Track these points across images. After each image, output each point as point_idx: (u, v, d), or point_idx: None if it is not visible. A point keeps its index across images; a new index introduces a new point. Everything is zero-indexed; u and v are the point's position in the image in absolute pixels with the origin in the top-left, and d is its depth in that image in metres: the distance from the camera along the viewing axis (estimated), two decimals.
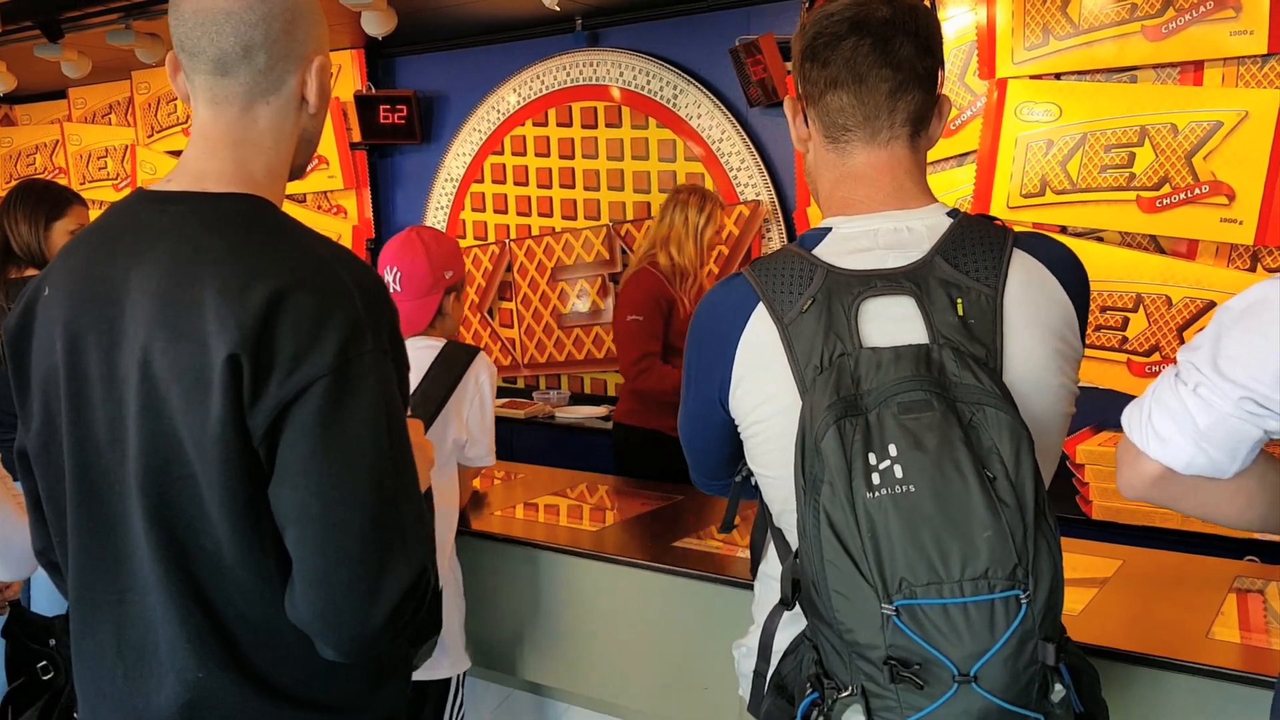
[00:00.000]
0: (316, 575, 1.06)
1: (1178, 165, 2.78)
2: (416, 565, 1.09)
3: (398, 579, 1.07)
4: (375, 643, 1.09)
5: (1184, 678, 1.59)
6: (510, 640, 2.26)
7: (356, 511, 1.06)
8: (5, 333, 1.22)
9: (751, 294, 1.20)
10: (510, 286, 4.55)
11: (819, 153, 1.27)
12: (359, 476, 1.06)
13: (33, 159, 5.83)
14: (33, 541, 1.31)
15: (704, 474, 1.40)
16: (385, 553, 1.07)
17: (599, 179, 4.27)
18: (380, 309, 1.13)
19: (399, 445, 1.11)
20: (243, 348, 1.04)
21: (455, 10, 4.07)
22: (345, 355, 1.06)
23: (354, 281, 1.11)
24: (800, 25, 1.27)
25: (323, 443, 1.05)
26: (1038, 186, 2.98)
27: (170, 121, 5.22)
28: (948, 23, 3.12)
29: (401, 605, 1.08)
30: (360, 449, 1.07)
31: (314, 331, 1.06)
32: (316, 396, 1.05)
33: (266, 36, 1.15)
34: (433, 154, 4.73)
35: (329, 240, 1.17)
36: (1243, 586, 1.89)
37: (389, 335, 1.13)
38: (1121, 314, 2.86)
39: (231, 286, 1.06)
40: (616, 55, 4.11)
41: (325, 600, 1.06)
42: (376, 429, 1.08)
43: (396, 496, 1.09)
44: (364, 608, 1.06)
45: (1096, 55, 2.89)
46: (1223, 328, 0.96)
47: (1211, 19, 2.72)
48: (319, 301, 1.07)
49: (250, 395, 1.05)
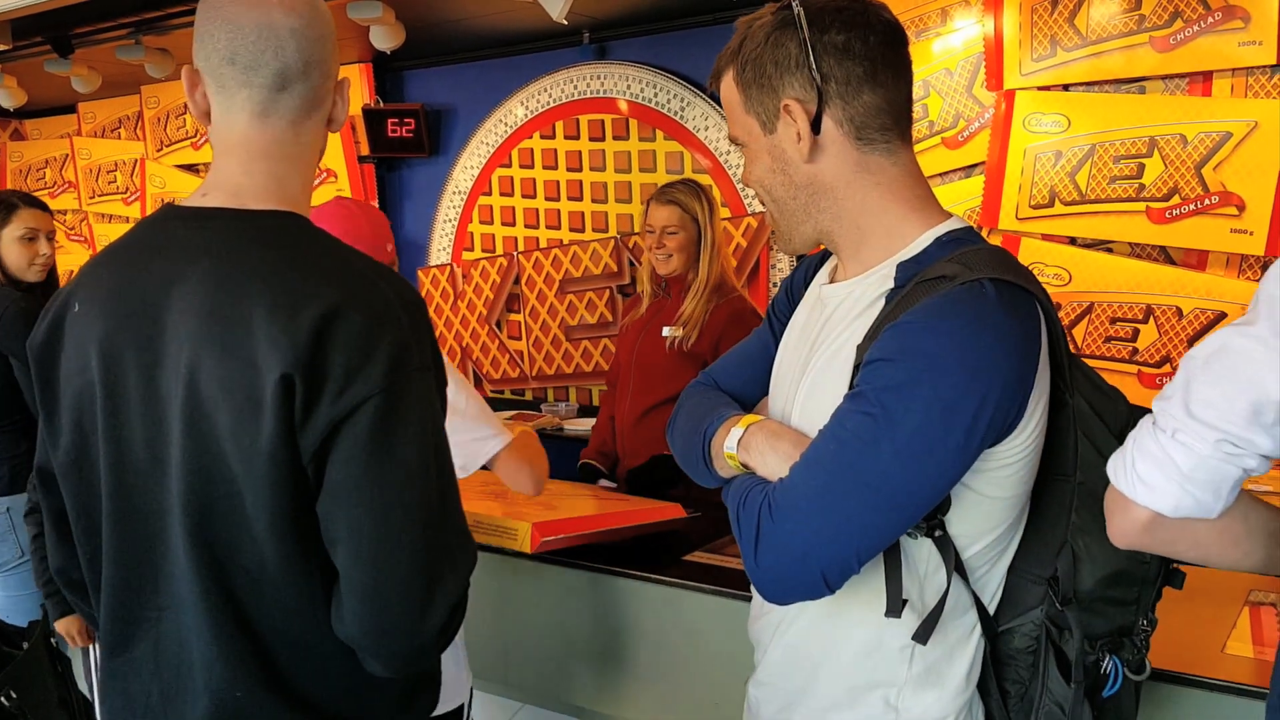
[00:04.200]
0: (368, 591, 1.08)
1: (1187, 176, 2.77)
2: (463, 578, 1.13)
3: (447, 593, 1.10)
4: (424, 657, 1.12)
5: (1199, 693, 1.57)
6: (520, 657, 2.25)
7: (408, 528, 1.07)
8: (32, 350, 1.21)
9: (1034, 304, 1.12)
10: (518, 299, 4.55)
11: (844, 158, 1.19)
12: (410, 493, 1.08)
13: (43, 173, 5.86)
14: (50, 560, 1.31)
15: (896, 529, 1.11)
16: (435, 567, 1.09)
17: (606, 191, 4.27)
18: (422, 325, 1.15)
19: (444, 460, 1.13)
20: (295, 367, 1.05)
21: (463, 24, 4.08)
22: (395, 374, 1.08)
23: (399, 298, 1.12)
24: (793, 18, 1.18)
25: (375, 459, 1.07)
26: (1046, 198, 2.97)
27: (179, 136, 5.24)
28: (955, 34, 3.12)
29: (451, 619, 1.11)
30: (410, 466, 1.08)
31: (365, 350, 1.07)
32: (368, 414, 1.06)
33: (322, 54, 1.19)
34: (441, 167, 4.74)
35: (366, 256, 1.18)
36: (1256, 600, 1.88)
37: (431, 351, 1.15)
38: (1132, 325, 2.85)
39: (281, 305, 1.07)
40: (624, 68, 4.12)
41: (377, 615, 1.08)
42: (424, 445, 1.09)
43: (444, 511, 1.11)
44: (416, 622, 1.08)
45: (1105, 66, 2.89)
46: (1191, 375, 0.98)
47: (1220, 30, 2.72)
48: (369, 320, 1.08)
49: (302, 414, 1.06)
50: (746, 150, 1.26)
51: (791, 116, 1.18)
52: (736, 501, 1.17)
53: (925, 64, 3.16)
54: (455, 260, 4.73)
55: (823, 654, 1.24)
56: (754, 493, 1.15)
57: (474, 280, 4.63)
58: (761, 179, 1.25)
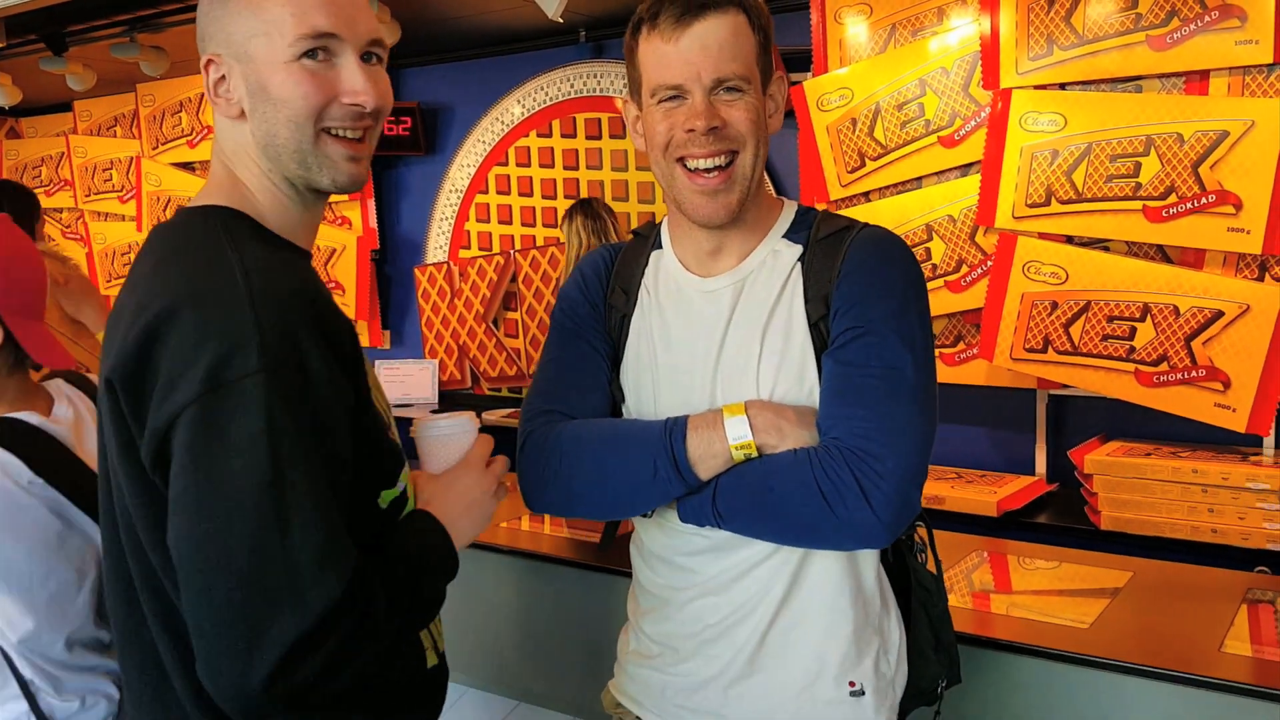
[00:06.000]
0: (194, 629, 0.94)
1: (1184, 175, 2.77)
2: (306, 622, 0.92)
3: (276, 640, 0.91)
4: (262, 706, 0.93)
5: (1197, 692, 1.57)
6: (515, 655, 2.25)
7: (225, 559, 0.92)
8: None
9: None
10: (515, 297, 4.55)
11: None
12: (227, 521, 0.92)
13: (38, 171, 5.84)
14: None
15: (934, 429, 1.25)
16: (261, 608, 0.91)
17: (603, 190, 4.27)
18: (296, 323, 0.98)
19: (293, 476, 0.94)
20: (115, 372, 0.98)
21: (459, 22, 4.07)
22: (219, 379, 0.93)
23: (262, 291, 0.97)
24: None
25: (193, 480, 0.93)
26: (1043, 197, 2.97)
27: (175, 134, 5.23)
28: (951, 33, 3.12)
29: (288, 663, 0.92)
30: (233, 486, 0.92)
31: (192, 352, 0.94)
32: (185, 427, 0.93)
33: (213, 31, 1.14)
34: (437, 165, 4.74)
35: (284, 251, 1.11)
36: (1254, 598, 1.88)
37: (317, 354, 0.99)
38: (1129, 324, 2.84)
39: (135, 307, 1.00)
40: (621, 66, 4.11)
41: (205, 658, 0.94)
42: (256, 461, 0.92)
43: (283, 540, 0.92)
44: (240, 672, 0.91)
45: (1101, 65, 2.88)
46: None
47: (1216, 28, 2.71)
48: (203, 317, 0.95)
49: (134, 424, 0.98)
50: (738, 97, 1.27)
51: (782, 86, 1.35)
52: (800, 477, 1.19)
53: (921, 62, 3.16)
54: (452, 258, 4.73)
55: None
56: (820, 458, 1.19)
57: (471, 278, 4.63)
58: (754, 131, 1.28)
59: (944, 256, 3.15)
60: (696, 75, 1.24)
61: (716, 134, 1.24)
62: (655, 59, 1.26)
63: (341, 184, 1.14)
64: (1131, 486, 2.75)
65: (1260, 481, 2.59)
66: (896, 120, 3.20)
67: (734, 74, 1.25)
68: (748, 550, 1.29)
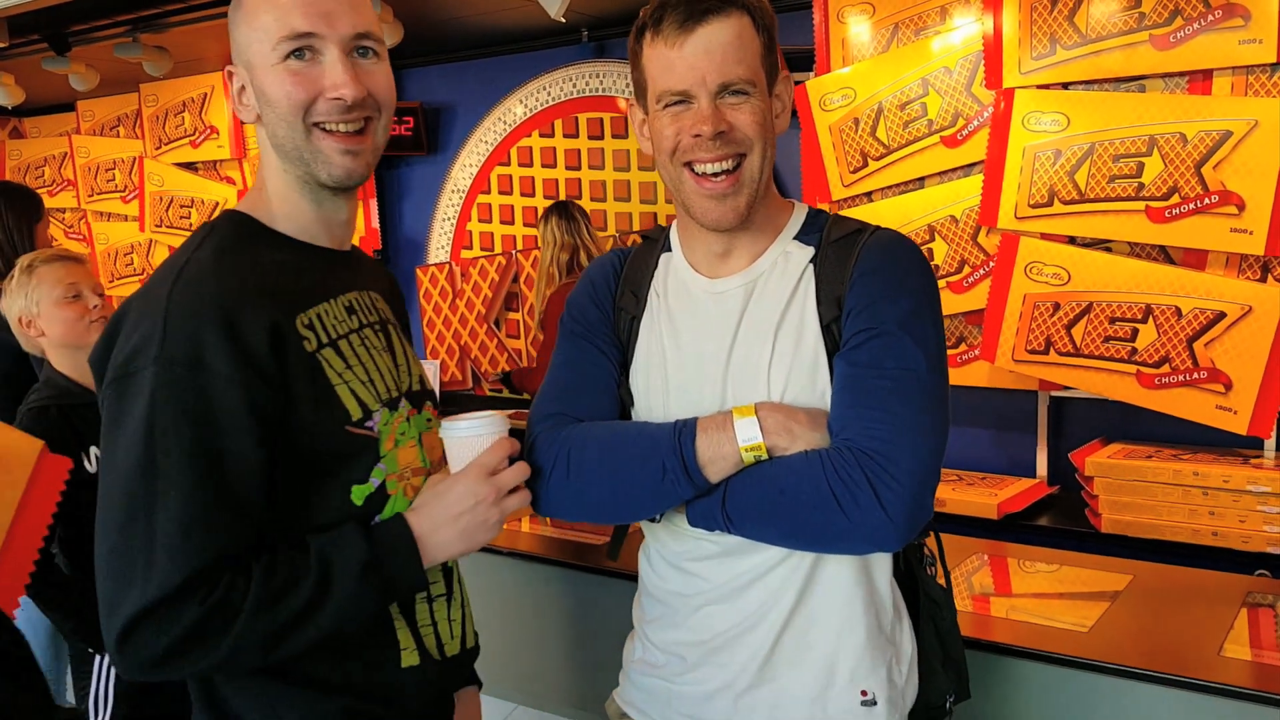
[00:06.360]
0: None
1: (1187, 175, 2.76)
2: (149, 596, 1.02)
3: (126, 606, 1.03)
4: (126, 666, 1.05)
5: (1196, 696, 1.56)
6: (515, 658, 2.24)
7: (103, 533, 1.06)
8: None
9: None
10: (517, 298, 4.55)
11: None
12: (109, 497, 1.07)
13: (41, 171, 5.85)
14: None
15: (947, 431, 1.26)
16: (121, 575, 1.04)
17: (605, 190, 4.26)
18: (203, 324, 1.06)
19: (164, 463, 1.04)
20: (92, 360, 1.13)
21: (461, 22, 4.07)
22: (126, 369, 1.07)
23: (181, 294, 1.08)
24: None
25: (105, 453, 1.09)
26: (1045, 197, 2.96)
27: (178, 134, 5.23)
28: (954, 32, 3.11)
29: (131, 634, 1.03)
30: (120, 462, 1.06)
31: (121, 344, 1.09)
32: (103, 408, 1.09)
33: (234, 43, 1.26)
34: (439, 165, 4.74)
35: (280, 253, 1.19)
36: (1254, 601, 1.87)
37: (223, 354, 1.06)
38: (1131, 325, 2.83)
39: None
40: (623, 66, 4.11)
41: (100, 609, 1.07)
42: (141, 442, 1.04)
43: (149, 516, 1.03)
44: (106, 624, 1.05)
45: (1104, 65, 2.87)
46: None
47: (1220, 28, 2.70)
48: (133, 315, 1.10)
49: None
50: (744, 100, 1.26)
51: (788, 86, 1.33)
52: (811, 479, 1.17)
53: (924, 62, 3.15)
54: (454, 259, 4.73)
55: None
56: (832, 459, 1.17)
57: (473, 279, 4.63)
58: (761, 133, 1.27)
59: (946, 257, 3.15)
60: (702, 80, 1.23)
61: (723, 138, 1.24)
62: (660, 64, 1.25)
63: (337, 177, 1.19)
64: (1132, 489, 2.74)
65: (1261, 484, 2.58)
66: (899, 120, 3.20)
67: (739, 77, 1.24)
68: (758, 556, 1.27)
